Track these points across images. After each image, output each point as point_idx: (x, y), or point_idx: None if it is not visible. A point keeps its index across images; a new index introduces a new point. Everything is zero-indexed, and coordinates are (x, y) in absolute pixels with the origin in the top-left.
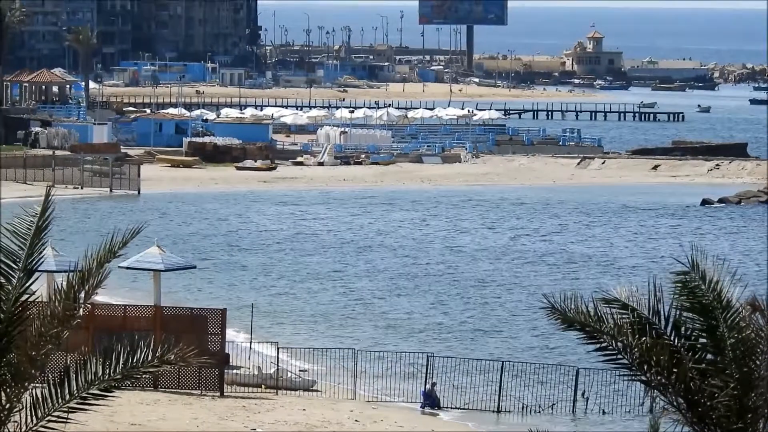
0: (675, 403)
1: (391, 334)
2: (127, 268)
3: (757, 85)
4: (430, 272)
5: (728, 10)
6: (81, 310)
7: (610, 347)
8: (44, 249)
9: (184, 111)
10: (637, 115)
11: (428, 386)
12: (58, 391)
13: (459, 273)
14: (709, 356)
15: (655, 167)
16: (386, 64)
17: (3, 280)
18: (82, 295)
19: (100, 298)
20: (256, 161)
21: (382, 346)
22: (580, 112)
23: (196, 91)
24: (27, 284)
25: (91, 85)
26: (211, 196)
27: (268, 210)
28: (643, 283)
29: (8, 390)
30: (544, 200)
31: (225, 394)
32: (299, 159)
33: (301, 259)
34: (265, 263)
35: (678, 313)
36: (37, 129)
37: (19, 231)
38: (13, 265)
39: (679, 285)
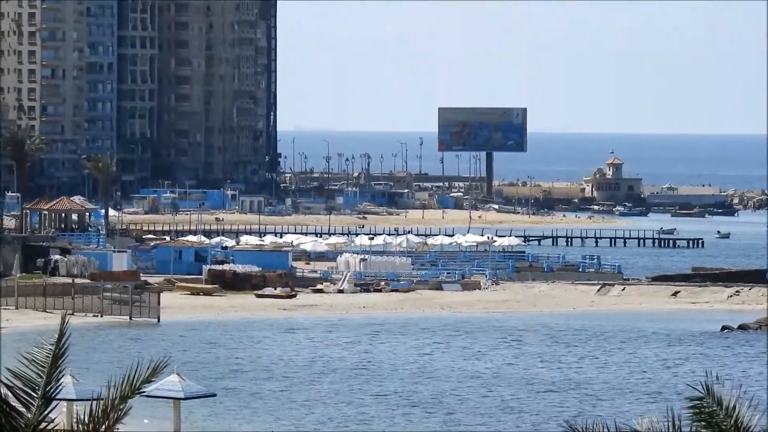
0: None
1: None
2: (148, 396)
3: None
4: (447, 399)
5: (746, 136)
6: None
7: None
8: (63, 377)
9: (203, 238)
10: (656, 241)
11: None
12: None
13: (477, 400)
14: None
15: (675, 294)
16: (406, 190)
17: (22, 409)
18: (103, 428)
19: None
20: (275, 289)
21: None
22: (600, 238)
23: (216, 218)
24: (45, 412)
25: (111, 212)
26: (231, 324)
27: (288, 337)
28: (662, 410)
29: None
30: (564, 327)
31: None
32: (319, 286)
33: (315, 387)
34: (283, 391)
35: None
36: (57, 257)
37: (38, 359)
38: (32, 393)
39: (695, 411)
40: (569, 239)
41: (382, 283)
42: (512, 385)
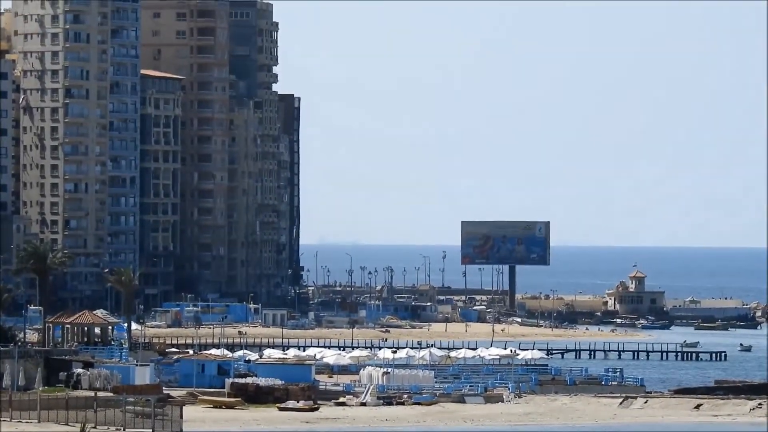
0: None
1: None
2: None
3: None
4: None
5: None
6: None
7: None
8: None
9: (226, 352)
10: (679, 354)
11: None
12: None
13: None
14: None
15: (698, 406)
16: (429, 304)
17: None
18: None
19: None
20: (298, 402)
21: None
22: (623, 351)
23: (239, 331)
24: None
25: (134, 326)
26: None
27: None
28: None
29: None
30: None
31: None
32: (342, 399)
33: None
34: None
35: None
36: (79, 370)
37: None
38: None
39: None
40: (592, 352)
41: (405, 396)
42: None
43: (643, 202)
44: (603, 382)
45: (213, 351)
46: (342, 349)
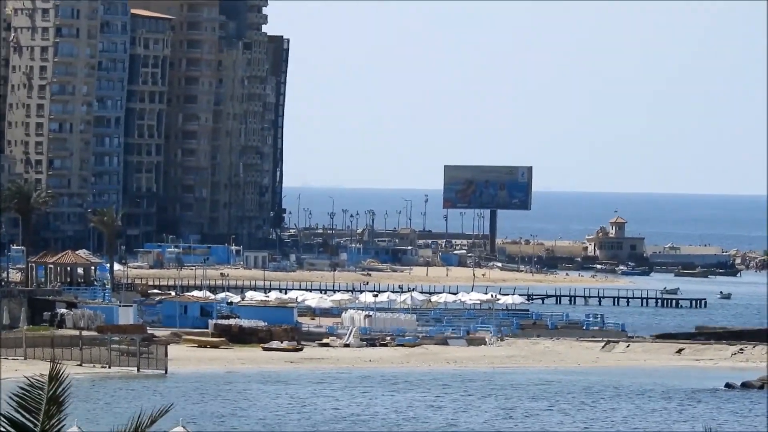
0: None
1: None
2: None
3: None
4: None
5: (749, 197)
6: None
7: None
8: (69, 428)
9: (208, 293)
10: (659, 301)
11: None
12: None
13: None
14: None
15: (680, 351)
16: (410, 247)
17: None
18: None
19: None
20: (282, 342)
21: None
22: (603, 297)
23: (221, 273)
24: None
25: (116, 267)
26: (240, 379)
27: (296, 393)
28: None
29: None
30: (570, 383)
31: None
32: (325, 341)
33: None
34: None
35: None
36: (63, 310)
37: (35, 408)
38: None
39: None
40: (572, 298)
41: (388, 338)
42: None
43: (626, 148)
44: (584, 327)
45: (195, 293)
46: (323, 292)
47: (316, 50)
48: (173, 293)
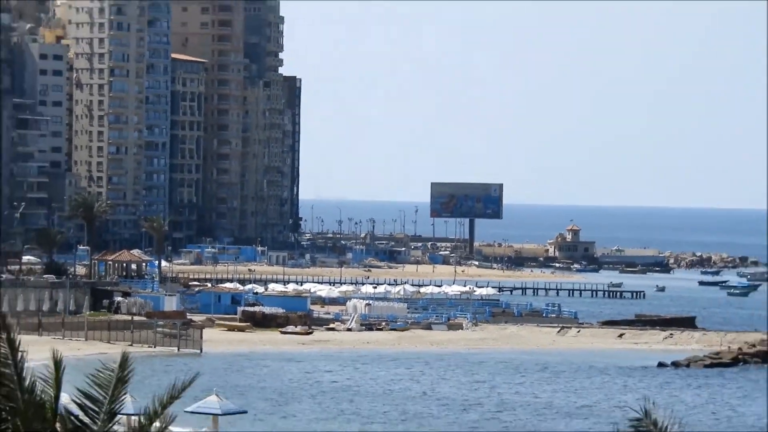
0: None
1: None
2: (191, 412)
3: (704, 270)
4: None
5: (680, 208)
6: None
7: None
8: (123, 396)
9: (238, 285)
10: (606, 293)
11: None
12: None
13: (455, 415)
14: None
15: (621, 335)
16: (403, 249)
17: (88, 421)
18: (155, 430)
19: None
20: (296, 327)
21: None
22: (560, 290)
23: (248, 269)
24: (110, 425)
25: (163, 263)
26: (262, 356)
27: (308, 367)
28: (610, 428)
29: None
30: (529, 362)
31: None
32: (332, 325)
33: (340, 407)
34: (309, 410)
35: None
36: (119, 299)
37: (100, 378)
38: (96, 409)
39: (635, 429)
40: (535, 290)
41: (383, 323)
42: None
43: (581, 169)
44: (544, 315)
45: (227, 284)
46: (332, 284)
47: (324, 86)
48: (209, 285)
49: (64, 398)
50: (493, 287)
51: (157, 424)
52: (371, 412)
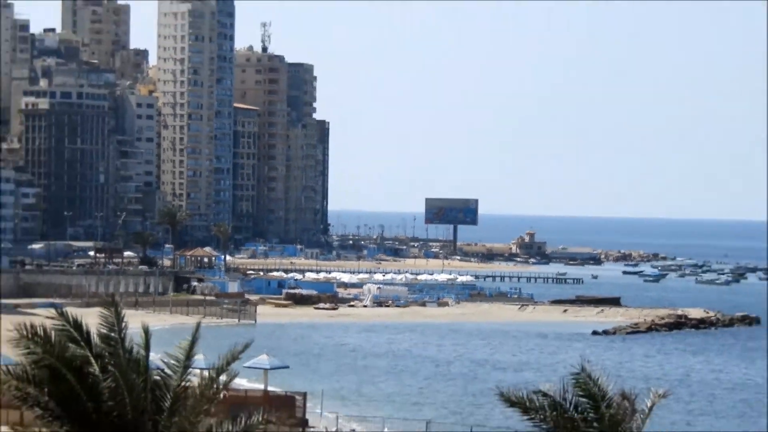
0: None
1: (397, 407)
2: (248, 367)
3: (626, 263)
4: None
5: (609, 218)
6: (221, 393)
7: (537, 418)
8: (197, 354)
9: (283, 273)
10: (554, 280)
11: None
12: None
13: (449, 371)
14: (595, 424)
15: (565, 311)
16: (404, 247)
17: (170, 373)
18: (223, 380)
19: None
20: (326, 304)
21: (397, 414)
22: (520, 277)
23: (290, 262)
24: (185, 376)
25: (227, 258)
26: (300, 326)
27: (334, 334)
28: (556, 380)
29: None
30: (496, 331)
31: None
32: (352, 303)
33: (358, 362)
34: (334, 365)
35: (576, 398)
36: (195, 283)
37: (181, 345)
38: (176, 364)
39: (575, 380)
40: (502, 277)
41: (390, 302)
42: (467, 362)
43: (537, 187)
44: (509, 296)
45: (274, 273)
46: (352, 273)
47: (346, 125)
48: (261, 273)
49: (153, 355)
50: (470, 275)
51: (223, 377)
52: (375, 366)
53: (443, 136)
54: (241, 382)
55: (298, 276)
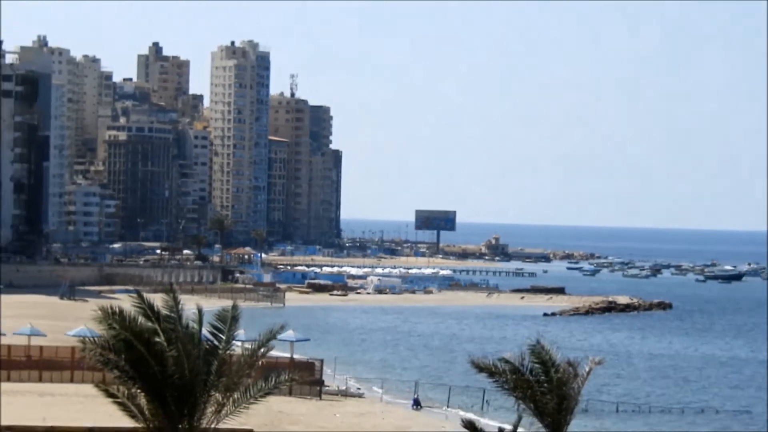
0: (531, 407)
1: (391, 371)
2: (278, 340)
3: (569, 261)
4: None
5: (559, 225)
6: (259, 361)
7: (500, 380)
8: (238, 329)
9: (305, 267)
10: (515, 273)
11: (415, 397)
12: (249, 392)
13: (431, 343)
14: (545, 385)
15: (522, 297)
16: (399, 248)
17: (218, 344)
18: (261, 352)
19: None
20: (338, 292)
21: (392, 376)
22: (488, 271)
23: (311, 259)
24: (228, 345)
25: (263, 255)
26: (318, 308)
27: (344, 314)
28: (515, 351)
29: (221, 397)
30: (469, 312)
31: (322, 398)
32: (358, 291)
33: (362, 336)
34: (346, 339)
35: (531, 364)
36: (238, 275)
37: (225, 319)
38: (222, 336)
39: (531, 351)
40: (474, 272)
41: (387, 290)
42: (446, 337)
43: (502, 199)
44: (479, 285)
45: (299, 267)
46: (359, 267)
47: (356, 154)
48: (289, 267)
49: (204, 330)
50: (450, 270)
51: (262, 350)
52: (375, 339)
53: (430, 158)
54: (272, 352)
55: (317, 269)
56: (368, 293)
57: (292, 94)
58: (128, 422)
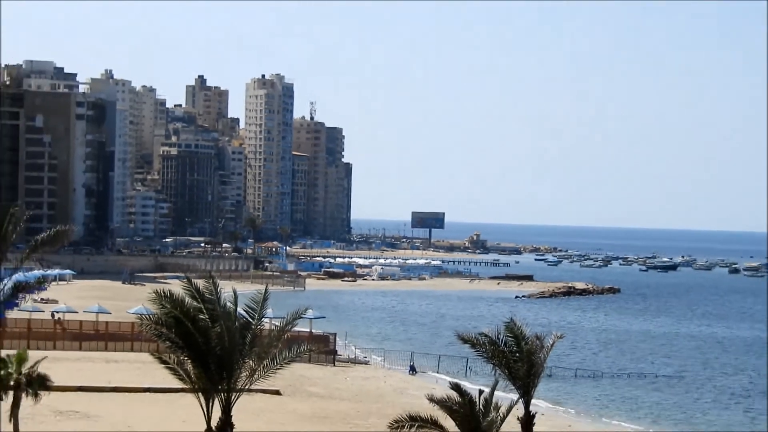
0: (506, 373)
1: (390, 342)
2: (301, 318)
3: (537, 254)
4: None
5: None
6: (285, 334)
7: (481, 350)
8: (267, 308)
9: (322, 258)
10: (492, 263)
11: (411, 364)
12: (277, 360)
13: (423, 320)
14: (517, 354)
15: (498, 283)
16: (398, 242)
17: (251, 320)
18: (287, 328)
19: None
20: (349, 278)
21: (391, 347)
22: (471, 262)
23: (327, 251)
24: (259, 322)
25: (288, 248)
26: (332, 291)
27: (353, 297)
28: (492, 327)
29: (254, 363)
30: (454, 295)
31: (335, 365)
32: (365, 278)
33: (368, 314)
34: (355, 317)
35: (506, 338)
36: (267, 264)
37: (256, 300)
38: (254, 314)
39: (506, 328)
40: (459, 262)
41: (389, 277)
42: (435, 315)
43: (483, 201)
44: (463, 273)
45: (317, 258)
46: (365, 258)
47: (365, 165)
48: (309, 258)
49: (240, 309)
50: (439, 261)
51: (289, 326)
52: (378, 317)
53: (425, 164)
54: (295, 327)
55: (332, 260)
56: (373, 279)
57: (312, 118)
58: (177, 383)
